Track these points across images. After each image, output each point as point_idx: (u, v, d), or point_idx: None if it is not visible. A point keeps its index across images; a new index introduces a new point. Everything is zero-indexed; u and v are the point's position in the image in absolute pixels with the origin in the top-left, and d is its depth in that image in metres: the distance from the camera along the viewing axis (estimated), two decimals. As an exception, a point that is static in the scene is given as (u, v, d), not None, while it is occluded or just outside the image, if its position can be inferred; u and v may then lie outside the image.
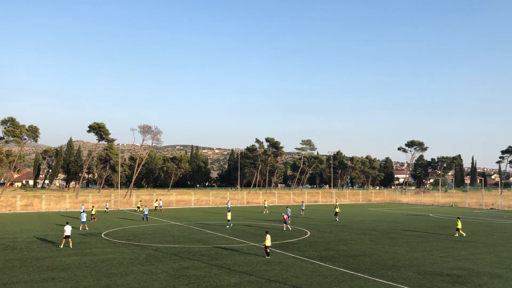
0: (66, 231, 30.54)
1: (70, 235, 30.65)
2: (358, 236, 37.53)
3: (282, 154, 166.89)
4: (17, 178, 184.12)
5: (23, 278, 21.11)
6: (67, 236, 30.48)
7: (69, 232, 30.51)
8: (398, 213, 64.87)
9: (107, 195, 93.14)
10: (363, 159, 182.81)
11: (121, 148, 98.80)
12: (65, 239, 30.62)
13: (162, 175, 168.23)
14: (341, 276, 21.71)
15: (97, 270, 22.82)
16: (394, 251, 29.60)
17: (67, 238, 30.55)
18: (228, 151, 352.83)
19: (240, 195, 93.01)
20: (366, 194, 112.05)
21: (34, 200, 76.91)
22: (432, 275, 22.04)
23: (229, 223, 44.15)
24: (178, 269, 23.27)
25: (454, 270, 23.28)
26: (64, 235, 30.67)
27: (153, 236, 36.46)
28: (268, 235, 26.92)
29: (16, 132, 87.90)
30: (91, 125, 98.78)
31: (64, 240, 30.65)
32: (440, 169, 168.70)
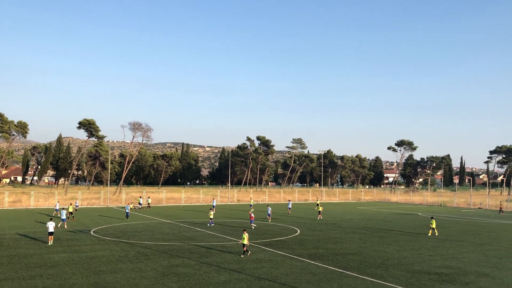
0: (48, 227, 30.30)
1: (53, 231, 30.35)
2: (347, 234, 37.73)
3: (273, 153, 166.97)
4: (5, 174, 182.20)
5: (11, 275, 20.93)
6: (50, 232, 30.21)
7: (51, 229, 30.21)
8: (387, 212, 65.29)
9: (96, 192, 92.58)
10: (353, 158, 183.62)
11: (111, 145, 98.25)
12: (50, 236, 30.36)
13: (152, 173, 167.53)
14: (330, 274, 21.82)
15: (85, 267, 22.71)
16: (383, 249, 29.80)
17: (50, 235, 30.28)
18: (219, 149, 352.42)
19: (230, 193, 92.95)
20: (356, 193, 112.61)
21: (22, 197, 76.20)
22: (420, 274, 22.23)
23: (210, 222, 43.39)
24: (168, 266, 23.23)
25: (442, 269, 23.50)
26: (48, 232, 30.46)
27: (142, 234, 36.34)
28: (245, 234, 26.70)
29: (5, 127, 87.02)
30: (81, 122, 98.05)
31: (50, 237, 30.39)
32: (429, 168, 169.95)
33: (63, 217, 40.34)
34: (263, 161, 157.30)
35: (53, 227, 30.43)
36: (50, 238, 30.32)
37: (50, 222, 30.57)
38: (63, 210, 41.35)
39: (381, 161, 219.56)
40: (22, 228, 39.51)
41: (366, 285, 19.70)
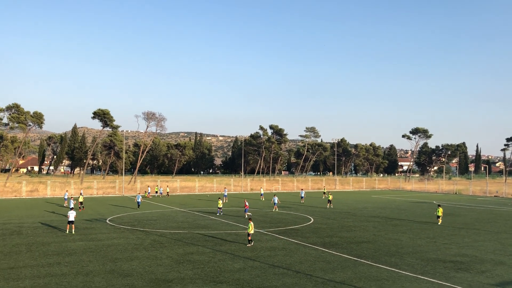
0: (69, 216, 30.69)
1: (73, 220, 30.74)
2: (361, 223, 37.65)
3: (286, 141, 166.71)
4: (22, 164, 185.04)
5: (30, 262, 21.34)
6: (70, 221, 30.62)
7: (72, 218, 30.59)
8: (401, 200, 64.95)
9: (112, 181, 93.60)
10: (367, 147, 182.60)
11: (125, 134, 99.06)
12: (69, 225, 30.77)
13: (166, 162, 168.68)
14: (345, 262, 21.83)
15: (102, 255, 23.03)
16: (397, 238, 29.69)
17: (71, 224, 30.68)
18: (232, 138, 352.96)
19: (244, 182, 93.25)
20: (370, 181, 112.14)
21: (39, 186, 77.42)
22: (435, 262, 22.12)
23: (219, 210, 43.16)
24: (183, 254, 23.45)
25: (457, 257, 23.35)
26: (68, 221, 30.88)
27: (157, 222, 36.69)
28: (251, 223, 26.17)
29: (21, 118, 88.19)
30: (95, 112, 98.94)
31: (68, 225, 30.81)
32: (444, 156, 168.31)
33: (71, 206, 40.72)
34: (276, 150, 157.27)
35: (74, 216, 30.76)
36: (68, 226, 30.71)
37: (71, 211, 30.94)
38: (71, 199, 41.78)
39: (396, 149, 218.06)
40: (40, 217, 40.16)
41: (380, 273, 19.67)
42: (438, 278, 18.89)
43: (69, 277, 18.62)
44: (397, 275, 19.46)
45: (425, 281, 18.42)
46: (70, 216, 30.61)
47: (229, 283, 17.80)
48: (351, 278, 18.83)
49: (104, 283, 17.63)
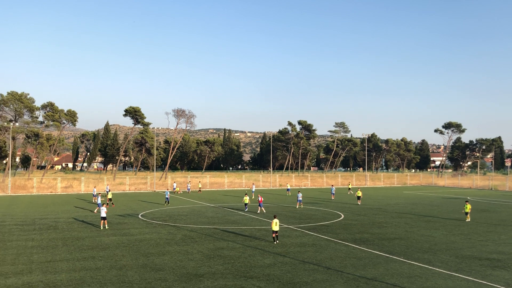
0: (101, 212, 31.07)
1: (105, 216, 31.04)
2: (393, 219, 37.09)
3: (315, 137, 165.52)
4: (57, 161, 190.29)
5: (65, 256, 21.95)
6: (102, 217, 30.96)
7: (103, 214, 30.87)
8: (434, 196, 63.62)
9: (143, 177, 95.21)
10: (398, 142, 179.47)
11: (156, 131, 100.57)
12: (102, 221, 31.14)
13: (196, 158, 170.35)
14: (376, 259, 21.56)
15: (135, 250, 23.47)
16: (430, 234, 29.11)
17: (104, 220, 31.05)
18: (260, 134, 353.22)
19: (272, 178, 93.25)
20: (401, 177, 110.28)
21: (73, 182, 79.52)
22: (470, 259, 21.59)
23: (246, 207, 42.81)
24: (213, 249, 23.65)
25: (494, 254, 22.71)
26: (100, 217, 31.40)
27: (188, 217, 37.12)
28: (275, 219, 25.10)
29: (56, 116, 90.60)
30: (127, 109, 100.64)
31: (102, 221, 31.18)
32: (478, 151, 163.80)
33: (98, 202, 41.41)
34: (304, 146, 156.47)
35: (105, 212, 31.08)
36: (102, 222, 31.13)
37: (103, 207, 31.34)
38: (99, 195, 42.48)
39: (428, 144, 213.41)
40: (74, 212, 41.24)
41: (413, 270, 19.34)
42: (473, 276, 18.44)
43: (103, 271, 19.06)
44: (430, 272, 19.09)
45: (460, 279, 18.00)
46: (101, 212, 31.03)
47: (259, 279, 17.85)
48: (382, 274, 18.58)
49: (137, 277, 17.97)
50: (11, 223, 34.07)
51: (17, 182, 76.97)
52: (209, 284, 17.06)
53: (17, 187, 71.55)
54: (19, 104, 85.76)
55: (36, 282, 17.23)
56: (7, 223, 33.80)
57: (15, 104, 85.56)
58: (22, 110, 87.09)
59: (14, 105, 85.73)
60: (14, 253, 22.59)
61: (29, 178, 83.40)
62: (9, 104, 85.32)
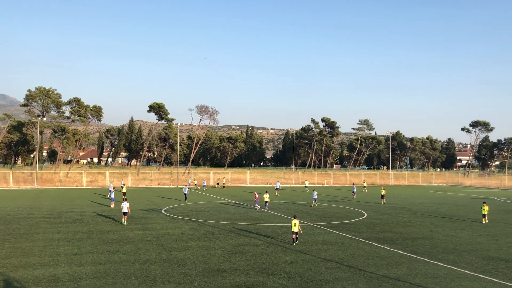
0: (122, 207, 30.93)
1: (127, 211, 30.88)
2: (417, 218, 36.52)
3: (338, 134, 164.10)
4: (82, 155, 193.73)
5: (90, 249, 22.35)
6: (124, 213, 30.88)
7: (125, 209, 30.78)
8: (460, 196, 62.40)
9: (166, 172, 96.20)
10: (424, 140, 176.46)
11: (179, 127, 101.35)
12: (123, 215, 31.08)
13: (218, 154, 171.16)
14: (399, 258, 21.27)
15: (158, 244, 23.73)
16: (455, 234, 28.56)
17: (124, 215, 30.92)
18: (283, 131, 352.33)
19: (295, 176, 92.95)
20: (426, 176, 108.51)
21: (98, 177, 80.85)
22: (497, 261, 21.10)
23: (265, 205, 41.43)
24: (235, 245, 23.72)
25: (522, 257, 22.14)
26: (122, 212, 31.30)
27: (210, 213, 37.33)
28: (295, 220, 23.97)
29: (81, 111, 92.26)
30: (151, 105, 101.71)
31: (124, 216, 31.15)
32: (507, 150, 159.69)
33: (112, 197, 41.74)
34: (327, 143, 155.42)
35: (127, 207, 31.01)
36: (124, 218, 31.07)
37: (124, 203, 31.08)
38: (112, 190, 42.77)
39: (454, 143, 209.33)
40: (99, 206, 41.94)
41: (437, 270, 19.01)
42: (500, 278, 18.01)
43: (127, 264, 19.34)
44: (455, 273, 18.73)
45: (486, 281, 17.61)
46: (123, 207, 30.83)
47: (281, 276, 17.82)
48: (406, 274, 18.32)
49: (160, 271, 18.16)
50: (38, 215, 34.89)
51: (44, 175, 78.75)
52: (230, 280, 17.12)
53: (44, 181, 73.22)
54: (46, 99, 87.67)
55: (62, 274, 17.60)
56: (35, 216, 34.62)
57: (43, 99, 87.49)
58: (49, 105, 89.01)
59: (42, 100, 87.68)
60: (41, 245, 23.13)
61: (56, 172, 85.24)
62: (36, 99, 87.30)
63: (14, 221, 31.63)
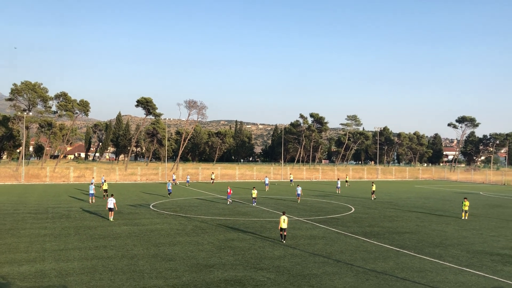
0: (108, 203, 30.61)
1: (112, 207, 30.56)
2: (404, 213, 36.90)
3: (327, 130, 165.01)
4: (69, 150, 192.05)
5: (78, 245, 22.22)
6: (109, 208, 30.57)
7: (111, 205, 30.45)
8: (446, 191, 63.14)
9: (154, 168, 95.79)
10: (411, 135, 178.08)
11: (167, 122, 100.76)
12: (109, 211, 30.78)
13: (207, 150, 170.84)
14: (386, 253, 21.49)
15: (146, 240, 23.67)
16: (441, 229, 28.92)
17: (110, 211, 30.64)
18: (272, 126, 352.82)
19: (283, 171, 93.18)
20: (413, 171, 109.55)
21: (86, 172, 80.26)
22: (481, 254, 21.43)
23: (254, 201, 40.81)
24: (224, 240, 23.76)
25: (506, 250, 22.51)
26: (107, 207, 31.01)
27: (199, 208, 37.31)
28: (284, 216, 23.16)
29: (69, 106, 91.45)
30: (139, 100, 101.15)
31: (110, 212, 30.86)
32: (492, 146, 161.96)
33: (91, 192, 41.23)
34: (316, 139, 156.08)
35: (113, 203, 30.68)
36: (110, 214, 30.78)
37: (110, 198, 30.78)
38: (91, 185, 42.15)
39: (441, 138, 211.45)
40: (86, 202, 41.64)
41: (423, 264, 19.25)
42: (484, 271, 18.30)
43: (114, 260, 19.27)
44: (440, 266, 18.99)
45: (471, 274, 17.88)
46: (109, 203, 30.50)
47: (269, 270, 17.91)
48: (393, 268, 18.53)
49: (148, 267, 18.14)
50: (24, 211, 34.56)
51: (30, 171, 77.94)
52: (219, 275, 17.16)
53: (31, 176, 72.48)
54: (32, 94, 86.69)
55: (49, 270, 17.48)
56: (21, 211, 34.28)
57: (29, 94, 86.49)
58: (35, 99, 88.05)
59: (28, 95, 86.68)
60: (27, 241, 22.93)
61: (42, 167, 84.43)
62: (23, 93, 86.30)
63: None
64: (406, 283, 16.48)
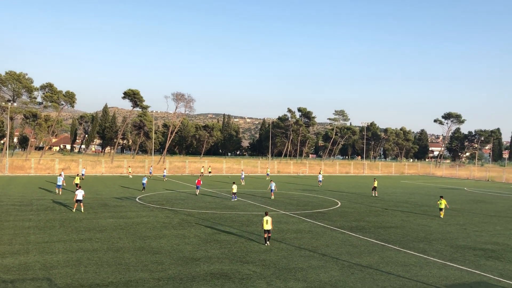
0: (77, 195, 30.12)
1: (81, 199, 30.20)
2: (389, 208, 37.22)
3: (314, 125, 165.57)
4: (55, 142, 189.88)
5: (63, 237, 22.02)
6: (78, 200, 30.10)
7: (80, 197, 30.06)
8: (431, 186, 63.85)
9: (141, 160, 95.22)
10: (397, 131, 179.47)
11: (154, 115, 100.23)
12: (77, 203, 30.35)
13: (194, 143, 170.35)
14: (372, 247, 21.68)
15: (132, 233, 23.55)
16: (426, 224, 29.26)
17: (79, 202, 30.21)
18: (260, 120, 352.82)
19: (271, 165, 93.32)
20: (399, 166, 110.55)
21: (71, 164, 79.45)
22: (465, 249, 21.73)
23: (233, 197, 39.50)
24: (210, 234, 23.75)
25: (488, 245, 22.85)
26: (75, 199, 30.38)
27: (186, 202, 37.21)
28: (267, 217, 21.40)
29: (54, 97, 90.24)
30: (126, 92, 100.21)
31: (76, 204, 30.42)
32: (477, 142, 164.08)
33: (58, 183, 40.52)
34: (303, 133, 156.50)
35: (82, 195, 30.29)
36: (75, 205, 30.39)
37: (79, 190, 30.37)
38: (59, 177, 41.58)
39: (427, 134, 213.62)
40: (72, 194, 41.18)
41: (408, 259, 19.47)
42: (467, 266, 18.57)
43: (100, 252, 19.14)
44: (425, 261, 19.22)
45: (454, 268, 18.13)
46: (78, 194, 30.09)
47: (255, 264, 17.95)
48: (378, 262, 18.70)
49: (134, 260, 18.05)
50: (8, 203, 34.13)
51: (14, 162, 76.94)
52: (205, 268, 17.15)
53: (15, 168, 71.55)
54: (17, 84, 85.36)
55: (33, 262, 17.30)
56: (4, 203, 33.85)
57: (13, 84, 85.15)
58: (20, 90, 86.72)
59: (12, 85, 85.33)
60: (11, 233, 22.66)
61: (27, 159, 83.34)
62: (7, 84, 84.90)
63: (-17, 209, 30.86)
64: (391, 277, 16.65)
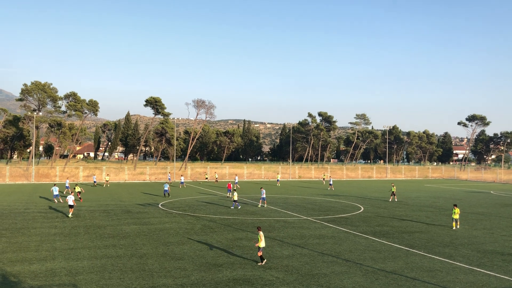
0: (68, 200, 30.94)
1: (72, 205, 30.91)
2: (413, 212, 36.65)
3: (335, 129, 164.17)
4: (79, 150, 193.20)
5: (87, 244, 22.34)
6: (70, 205, 30.88)
7: (70, 202, 30.81)
8: (456, 189, 62.63)
9: (163, 167, 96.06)
10: (420, 134, 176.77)
11: (176, 122, 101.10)
12: (70, 208, 31.08)
13: (215, 149, 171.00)
14: (396, 252, 21.35)
15: (155, 239, 23.74)
16: (451, 228, 28.66)
17: (70, 208, 30.97)
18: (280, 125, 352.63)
19: (292, 170, 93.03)
20: (423, 170, 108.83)
21: (95, 172, 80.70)
22: (492, 254, 21.21)
23: (234, 204, 37.68)
24: (232, 239, 23.75)
25: (517, 250, 22.26)
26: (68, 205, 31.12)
27: (207, 208, 37.34)
28: (260, 232, 19.05)
29: (78, 106, 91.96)
30: (147, 100, 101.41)
31: (71, 210, 31.06)
32: (503, 144, 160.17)
33: (55, 193, 39.79)
34: (324, 138, 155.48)
35: (72, 200, 30.93)
36: (70, 210, 31.12)
37: (70, 196, 31.16)
38: (54, 186, 40.74)
39: (450, 137, 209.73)
40: (96, 201, 41.87)
41: (433, 264, 19.10)
42: (495, 271, 18.11)
43: (124, 259, 19.34)
44: (451, 266, 18.82)
45: (481, 274, 17.70)
46: (69, 200, 30.95)
47: (278, 269, 17.87)
48: (402, 268, 18.40)
49: (157, 266, 18.18)
50: (34, 210, 34.82)
51: (40, 170, 78.53)
52: (227, 274, 17.15)
53: (40, 176, 73.04)
54: (42, 94, 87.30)
55: (59, 269, 17.59)
56: (31, 210, 34.55)
57: (39, 94, 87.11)
58: (45, 99, 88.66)
59: (38, 95, 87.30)
60: (37, 240, 23.10)
61: (52, 167, 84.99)
62: (32, 93, 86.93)
63: (10, 216, 31.57)
64: (416, 282, 16.36)
